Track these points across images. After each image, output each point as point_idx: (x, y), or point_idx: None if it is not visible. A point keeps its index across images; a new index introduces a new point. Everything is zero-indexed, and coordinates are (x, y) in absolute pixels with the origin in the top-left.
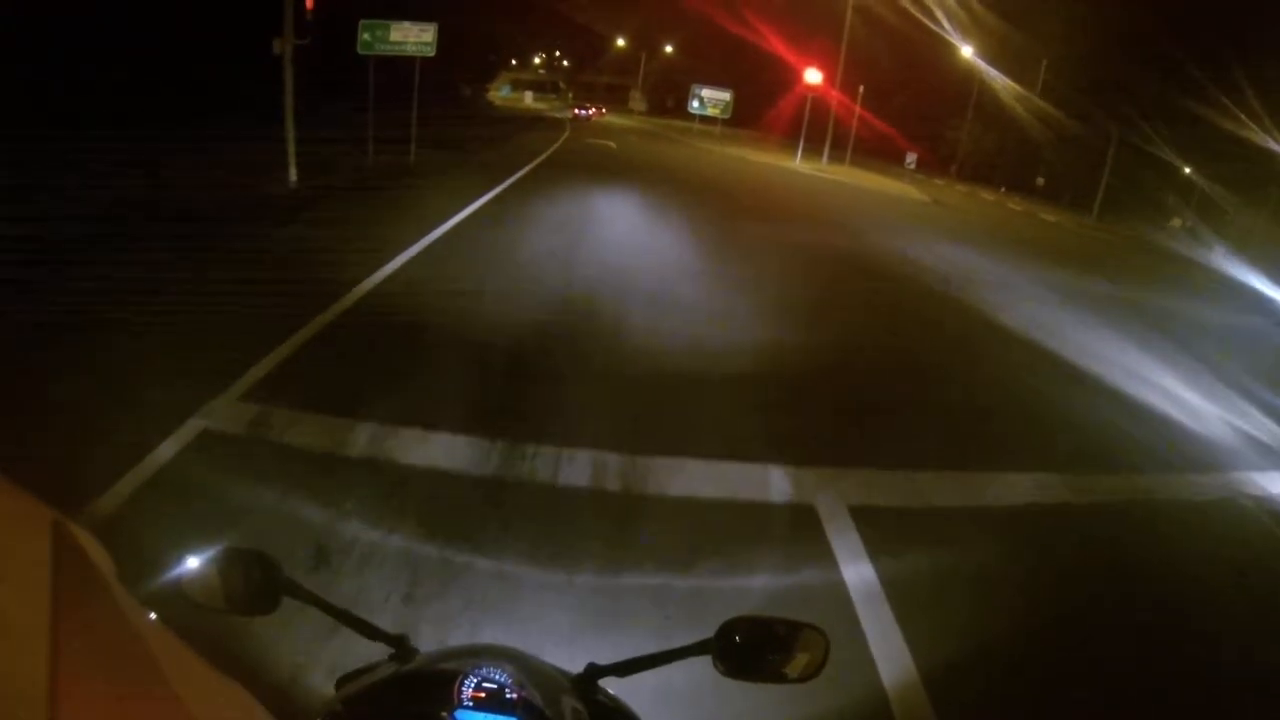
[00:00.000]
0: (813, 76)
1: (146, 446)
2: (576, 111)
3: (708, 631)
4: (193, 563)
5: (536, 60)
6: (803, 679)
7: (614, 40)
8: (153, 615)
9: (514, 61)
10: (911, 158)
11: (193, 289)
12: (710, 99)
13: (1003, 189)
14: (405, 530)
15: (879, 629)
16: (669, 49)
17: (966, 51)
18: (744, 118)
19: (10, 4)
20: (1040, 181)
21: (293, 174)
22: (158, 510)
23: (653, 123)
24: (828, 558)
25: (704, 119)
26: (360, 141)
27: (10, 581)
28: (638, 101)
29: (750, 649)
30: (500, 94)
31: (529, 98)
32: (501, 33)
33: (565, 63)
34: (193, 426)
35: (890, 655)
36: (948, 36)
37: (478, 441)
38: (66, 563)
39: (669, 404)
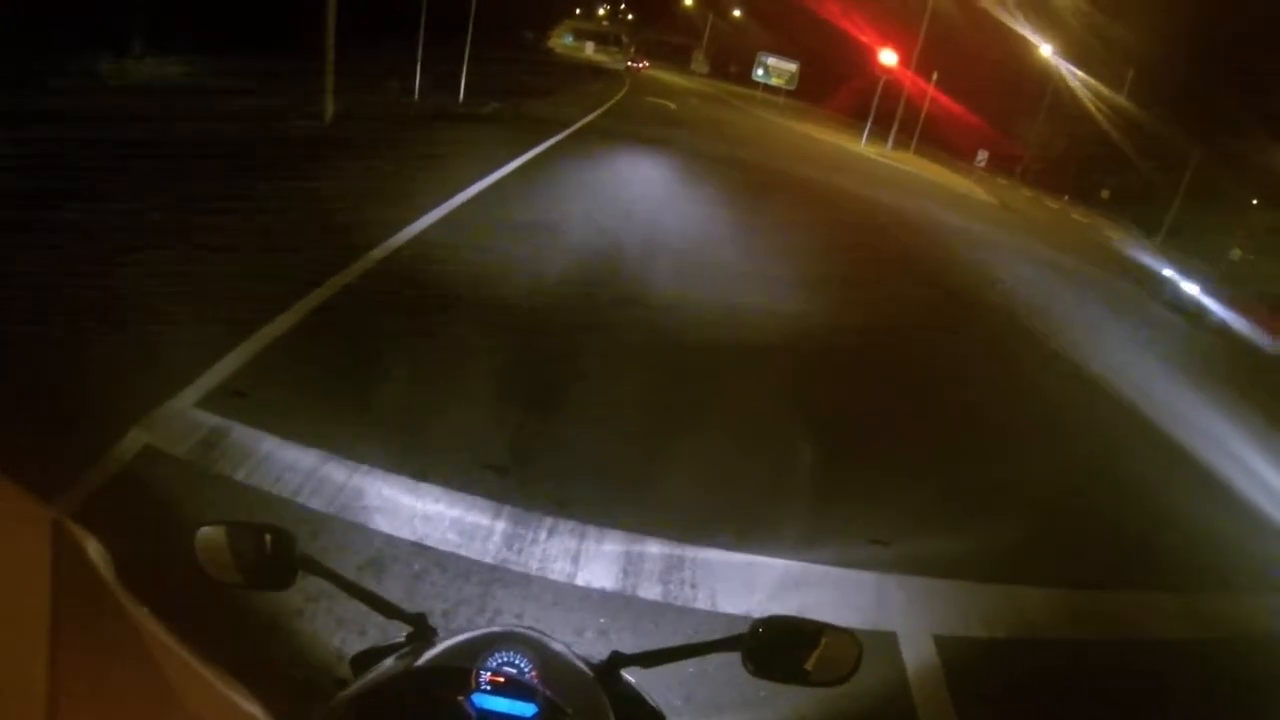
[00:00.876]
0: (887, 58)
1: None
2: (629, 64)
3: None
4: (207, 535)
5: (601, 11)
6: (832, 683)
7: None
8: (151, 614)
9: (578, 10)
10: (982, 155)
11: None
12: (776, 68)
13: (1066, 197)
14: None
15: None
16: (736, 13)
17: (1046, 50)
18: (808, 92)
19: None
20: (1105, 194)
21: (328, 113)
22: None
23: (715, 86)
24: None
25: (768, 88)
26: (408, 82)
27: (10, 581)
28: (700, 64)
29: (780, 649)
30: (563, 42)
31: (590, 49)
32: None
33: (630, 16)
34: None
35: None
36: (1025, 32)
37: (477, 503)
38: (66, 562)
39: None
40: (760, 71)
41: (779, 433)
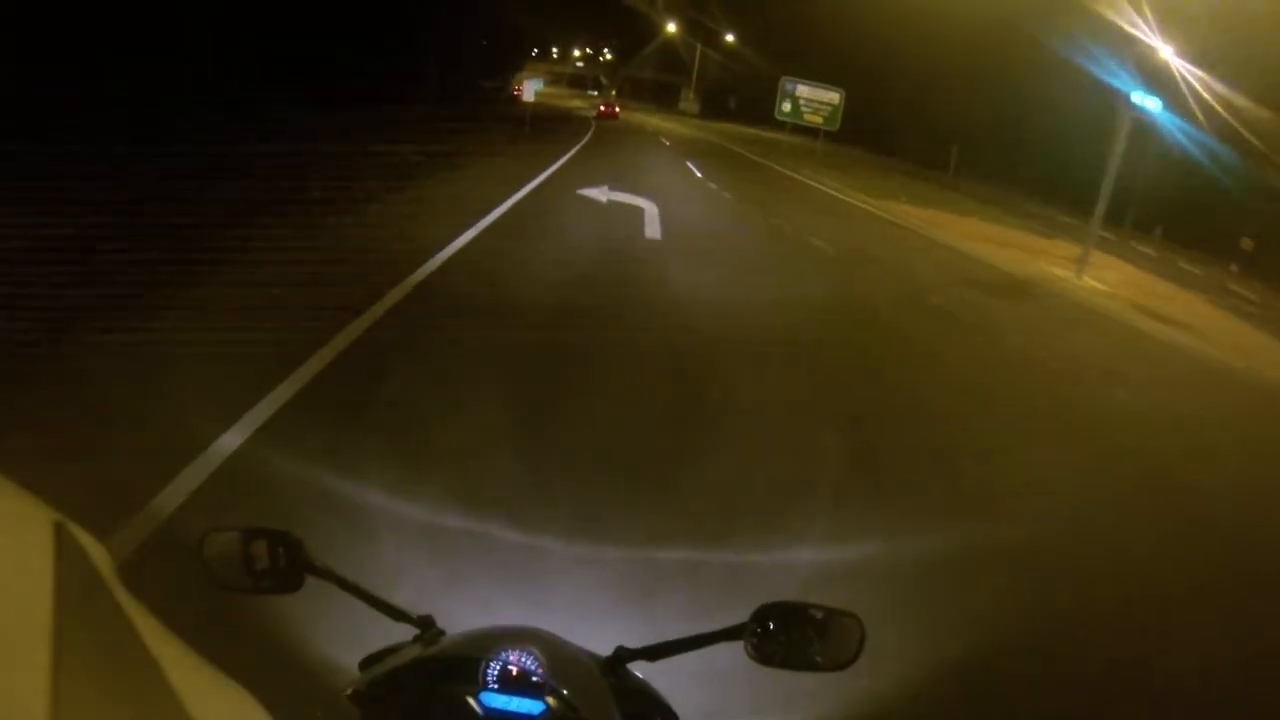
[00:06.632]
0: None
1: None
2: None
3: None
4: (214, 541)
5: (576, 52)
6: (837, 668)
7: (664, 29)
8: (154, 617)
9: (554, 53)
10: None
11: None
12: (810, 102)
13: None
14: None
15: None
16: (730, 38)
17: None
18: (851, 132)
19: None
20: (1247, 244)
21: None
22: None
23: (710, 130)
24: None
25: (796, 128)
26: None
27: (12, 583)
28: (690, 102)
29: (784, 636)
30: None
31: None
32: (536, 23)
33: (608, 55)
34: None
35: None
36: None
37: None
38: (69, 565)
39: None
40: (786, 106)
41: None
